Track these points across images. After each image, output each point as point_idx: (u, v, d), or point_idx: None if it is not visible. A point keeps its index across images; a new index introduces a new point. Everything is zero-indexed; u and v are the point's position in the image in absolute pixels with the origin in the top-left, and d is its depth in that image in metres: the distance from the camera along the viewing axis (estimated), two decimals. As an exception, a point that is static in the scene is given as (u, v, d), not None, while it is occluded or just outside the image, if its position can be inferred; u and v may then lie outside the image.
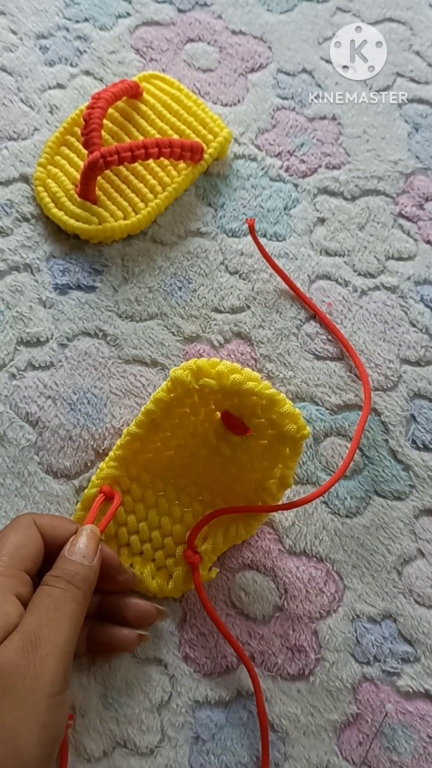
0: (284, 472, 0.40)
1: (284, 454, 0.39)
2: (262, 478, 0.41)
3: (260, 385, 0.37)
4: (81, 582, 0.34)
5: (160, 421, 0.40)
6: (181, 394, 0.39)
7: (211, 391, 0.38)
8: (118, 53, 0.57)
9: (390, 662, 0.42)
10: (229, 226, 0.52)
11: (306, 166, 0.54)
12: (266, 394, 0.37)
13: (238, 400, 0.38)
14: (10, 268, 0.49)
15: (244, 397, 0.37)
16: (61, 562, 0.35)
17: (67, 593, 0.33)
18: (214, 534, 0.41)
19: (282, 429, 0.38)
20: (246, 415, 0.38)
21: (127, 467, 0.40)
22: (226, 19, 0.59)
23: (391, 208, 0.54)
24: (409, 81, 0.58)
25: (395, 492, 0.45)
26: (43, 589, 0.34)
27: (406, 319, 0.50)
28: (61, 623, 0.32)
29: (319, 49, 0.59)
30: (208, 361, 0.39)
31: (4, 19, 0.57)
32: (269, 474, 0.40)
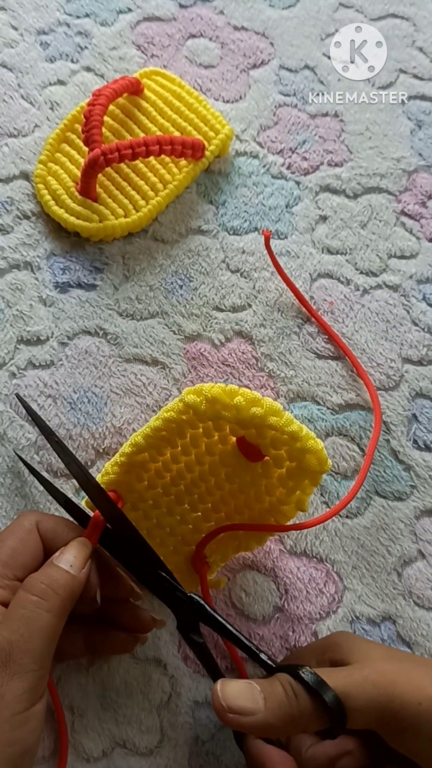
0: (301, 498, 0.39)
1: (303, 484, 0.38)
2: (277, 502, 0.39)
3: (282, 420, 0.35)
4: (61, 589, 0.33)
5: (170, 437, 0.38)
6: (194, 417, 0.37)
7: (226, 420, 0.36)
8: (119, 49, 0.57)
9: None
10: (231, 224, 0.52)
11: (308, 163, 0.54)
12: (288, 431, 0.35)
13: (257, 431, 0.36)
14: (10, 266, 0.49)
15: (263, 430, 0.36)
16: (46, 566, 0.34)
17: (42, 603, 0.32)
18: (225, 545, 0.41)
19: (303, 463, 0.36)
20: (264, 445, 0.37)
21: (136, 472, 0.39)
22: (227, 15, 0.59)
23: (393, 205, 0.53)
24: (412, 78, 0.58)
25: (396, 492, 0.45)
26: (20, 596, 0.33)
27: (408, 318, 0.50)
28: (33, 640, 0.31)
29: (322, 45, 0.58)
30: (225, 390, 0.36)
31: (5, 14, 0.57)
32: (286, 500, 0.39)
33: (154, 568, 0.37)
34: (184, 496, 0.41)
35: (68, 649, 0.38)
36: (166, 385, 0.47)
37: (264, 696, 0.31)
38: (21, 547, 0.35)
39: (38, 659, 0.31)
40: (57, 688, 0.40)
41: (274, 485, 0.39)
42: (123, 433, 0.45)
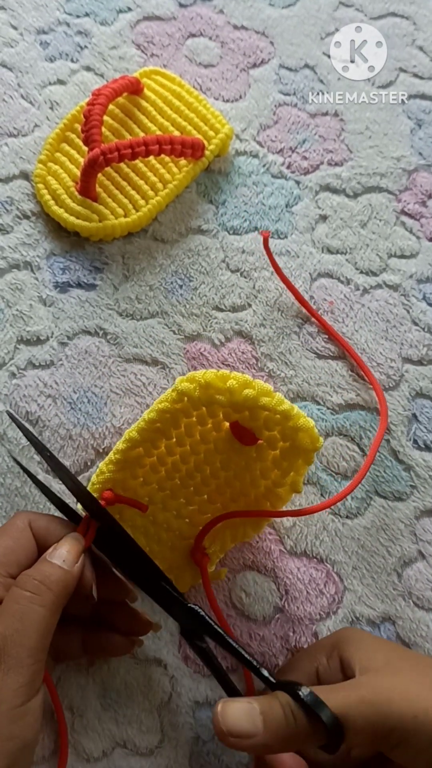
0: (295, 479, 0.40)
1: (296, 464, 0.39)
2: (272, 485, 0.40)
3: (274, 400, 0.36)
4: (54, 584, 0.33)
5: (164, 428, 0.39)
6: (188, 405, 0.38)
7: (220, 405, 0.37)
8: (119, 48, 0.57)
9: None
10: (231, 224, 0.52)
11: (308, 162, 0.54)
12: (280, 410, 0.36)
13: (250, 413, 0.36)
14: (10, 265, 0.49)
15: (256, 411, 0.36)
16: (39, 562, 0.35)
17: (35, 598, 0.32)
18: (222, 535, 0.41)
19: (296, 442, 0.37)
20: (257, 428, 0.37)
21: (131, 469, 0.40)
22: (227, 14, 0.59)
23: (393, 205, 0.53)
24: (412, 77, 0.58)
25: (396, 493, 0.45)
26: (13, 592, 0.33)
27: (408, 318, 0.50)
28: (27, 635, 0.32)
29: (322, 45, 0.58)
30: (217, 375, 0.37)
31: (5, 14, 0.57)
32: (281, 482, 0.40)
33: (155, 579, 0.37)
34: (179, 489, 0.41)
35: (66, 650, 0.38)
36: (166, 385, 0.47)
37: (263, 717, 0.31)
38: (14, 545, 0.35)
39: (33, 653, 0.32)
40: (57, 688, 0.40)
41: (269, 468, 0.39)
42: (123, 433, 0.45)
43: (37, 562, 0.35)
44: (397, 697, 0.32)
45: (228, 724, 0.31)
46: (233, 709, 0.32)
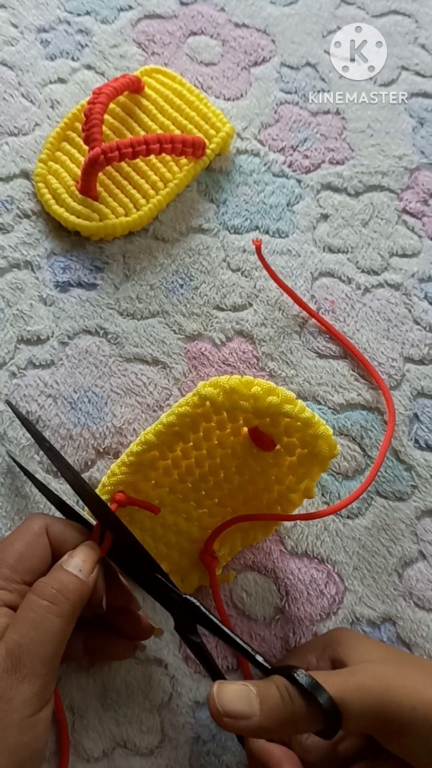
0: (308, 485, 0.40)
1: (312, 471, 0.39)
2: (286, 490, 0.40)
3: (296, 407, 0.36)
4: (71, 594, 0.33)
5: (183, 432, 0.38)
6: (209, 410, 0.38)
7: (242, 409, 0.37)
8: (120, 47, 0.56)
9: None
10: (232, 223, 0.51)
11: (309, 161, 0.54)
12: (302, 418, 0.36)
13: (271, 420, 0.37)
14: (10, 265, 0.49)
15: (278, 418, 0.37)
16: (55, 570, 0.34)
17: (52, 608, 0.32)
18: (232, 538, 0.41)
19: (314, 449, 0.37)
20: (277, 434, 0.38)
21: (144, 472, 0.39)
22: (228, 12, 0.58)
23: (395, 204, 0.53)
24: (414, 75, 0.57)
25: (397, 493, 0.45)
26: (30, 600, 0.33)
27: (409, 317, 0.50)
28: (43, 644, 0.31)
29: (323, 43, 0.58)
30: (241, 381, 0.37)
31: (5, 12, 0.57)
32: (295, 488, 0.40)
33: (150, 570, 0.37)
34: (191, 493, 0.41)
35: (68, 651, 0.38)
36: (166, 384, 0.47)
37: (259, 699, 0.31)
38: (29, 551, 0.35)
39: (47, 663, 0.31)
40: (58, 688, 0.40)
41: (284, 473, 0.40)
42: (123, 432, 0.45)
43: (52, 569, 0.34)
44: (396, 685, 0.31)
45: (224, 703, 0.31)
46: (229, 690, 0.32)
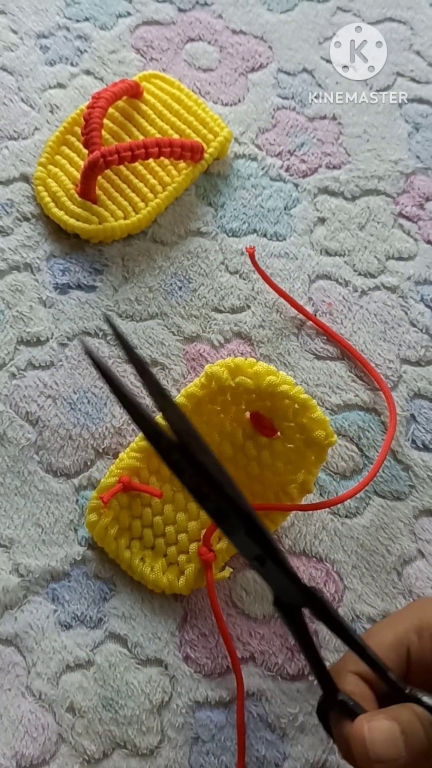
0: (306, 478, 0.40)
1: (309, 459, 0.40)
2: (284, 481, 0.41)
3: (294, 389, 0.38)
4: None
5: (189, 416, 0.39)
6: (215, 390, 0.39)
7: (245, 390, 0.38)
8: (119, 53, 0.57)
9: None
10: (230, 226, 0.52)
11: (306, 165, 0.54)
12: (300, 399, 0.38)
13: (271, 402, 0.38)
14: (10, 267, 0.49)
15: (277, 399, 0.38)
16: None
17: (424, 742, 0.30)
18: None
19: (311, 434, 0.38)
20: (277, 417, 0.39)
21: (148, 459, 0.40)
22: (226, 19, 0.59)
23: (391, 207, 0.54)
24: (409, 81, 0.58)
25: (395, 492, 0.45)
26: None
27: (406, 319, 0.50)
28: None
29: (320, 49, 0.59)
30: (245, 361, 0.39)
31: (5, 18, 0.57)
32: (292, 478, 0.40)
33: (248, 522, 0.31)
34: None
35: None
36: (165, 385, 0.47)
37: (404, 737, 0.30)
38: None
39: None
40: (58, 688, 0.40)
41: (282, 462, 0.41)
42: (122, 433, 0.45)
43: None
44: None
45: (377, 750, 0.29)
46: (379, 732, 0.30)
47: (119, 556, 0.42)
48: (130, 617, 0.42)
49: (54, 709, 0.40)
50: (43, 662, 0.41)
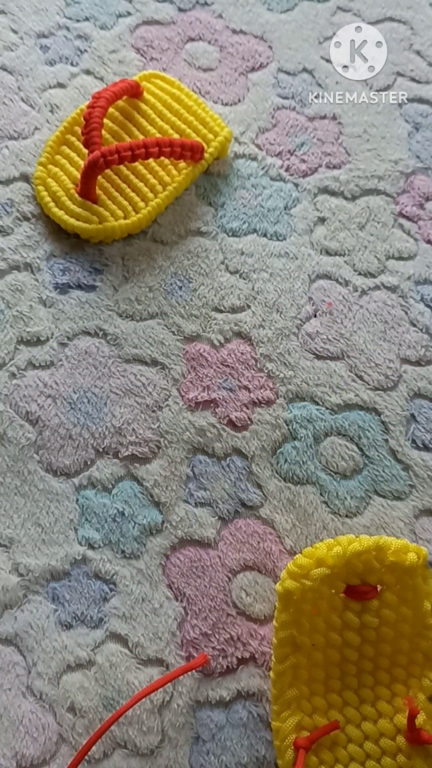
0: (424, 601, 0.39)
1: (420, 585, 0.38)
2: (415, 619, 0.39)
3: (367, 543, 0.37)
4: None
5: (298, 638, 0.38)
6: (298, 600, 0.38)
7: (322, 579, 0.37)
8: (119, 52, 0.57)
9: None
10: (230, 226, 0.52)
11: (306, 165, 0.54)
12: (374, 547, 0.37)
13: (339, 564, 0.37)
14: (10, 267, 0.49)
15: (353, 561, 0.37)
16: None
17: None
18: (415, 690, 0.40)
19: (403, 566, 0.37)
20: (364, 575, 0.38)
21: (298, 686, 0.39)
22: (226, 19, 0.59)
23: (391, 207, 0.54)
24: (409, 80, 0.58)
25: (395, 492, 0.45)
26: None
27: (406, 319, 0.50)
28: None
29: (320, 49, 0.59)
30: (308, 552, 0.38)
31: (5, 18, 0.57)
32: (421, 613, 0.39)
33: None
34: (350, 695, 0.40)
35: None
36: (165, 385, 0.47)
37: None
38: None
39: None
40: (58, 688, 0.40)
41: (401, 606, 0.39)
42: (123, 432, 0.45)
43: None
44: None
45: None
46: None
47: None
48: (131, 617, 0.42)
49: (54, 709, 0.40)
50: (44, 662, 0.41)
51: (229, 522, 0.44)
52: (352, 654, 0.39)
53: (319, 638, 0.39)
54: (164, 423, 0.46)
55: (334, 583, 0.38)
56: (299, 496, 0.45)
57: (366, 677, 0.39)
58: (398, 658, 0.40)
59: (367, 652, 0.39)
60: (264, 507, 0.45)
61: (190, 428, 0.46)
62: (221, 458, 0.46)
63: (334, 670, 0.39)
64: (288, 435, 0.46)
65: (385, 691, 0.39)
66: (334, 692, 0.39)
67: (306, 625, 0.38)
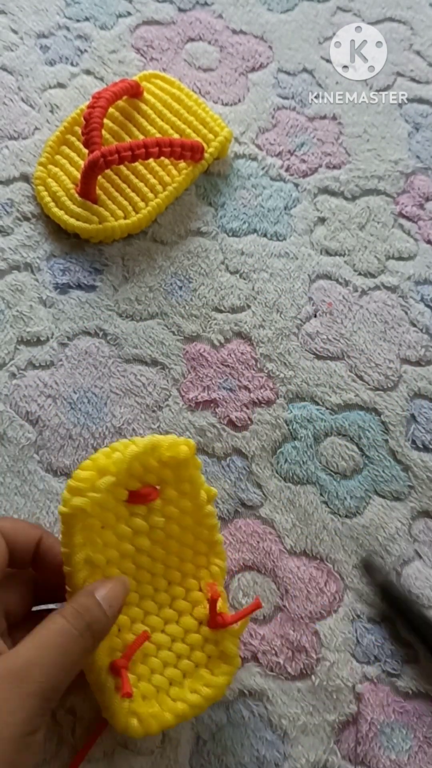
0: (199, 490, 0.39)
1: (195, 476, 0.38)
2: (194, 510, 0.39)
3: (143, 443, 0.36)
4: (99, 633, 0.32)
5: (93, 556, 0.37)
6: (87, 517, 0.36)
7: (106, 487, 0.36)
8: (119, 52, 0.57)
9: (390, 663, 0.42)
10: (230, 226, 0.52)
11: (306, 165, 0.54)
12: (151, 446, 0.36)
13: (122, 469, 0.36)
14: (10, 267, 0.49)
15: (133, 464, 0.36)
16: (85, 599, 0.33)
17: (80, 641, 0.31)
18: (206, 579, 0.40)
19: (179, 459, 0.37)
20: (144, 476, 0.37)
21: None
22: (226, 19, 0.59)
23: (391, 207, 0.54)
24: (409, 81, 0.58)
25: (395, 492, 0.45)
26: (58, 623, 0.31)
27: (406, 319, 0.50)
28: (62, 670, 0.30)
29: (320, 49, 0.59)
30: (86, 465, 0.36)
31: (5, 18, 0.57)
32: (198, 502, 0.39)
33: None
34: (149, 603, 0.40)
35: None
36: (165, 385, 0.47)
37: None
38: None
39: (56, 689, 0.30)
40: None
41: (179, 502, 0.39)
42: (123, 432, 0.45)
43: (81, 596, 0.33)
44: None
45: None
46: None
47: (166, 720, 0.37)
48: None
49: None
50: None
51: (228, 522, 0.44)
52: (144, 561, 0.39)
53: (112, 552, 0.38)
54: (164, 423, 0.46)
55: (116, 491, 0.37)
56: (299, 496, 0.45)
57: (159, 581, 0.39)
58: (185, 552, 0.40)
59: (158, 554, 0.39)
60: (264, 507, 0.45)
61: (190, 428, 0.46)
62: (221, 458, 0.46)
63: (130, 583, 0.38)
64: (288, 435, 0.46)
65: (179, 590, 0.40)
66: (134, 605, 0.39)
67: (98, 542, 0.37)
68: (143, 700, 0.37)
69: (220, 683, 0.38)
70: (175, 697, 0.38)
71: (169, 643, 0.39)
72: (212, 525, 0.39)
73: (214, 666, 0.38)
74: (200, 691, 0.38)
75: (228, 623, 0.38)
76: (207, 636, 0.39)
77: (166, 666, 0.38)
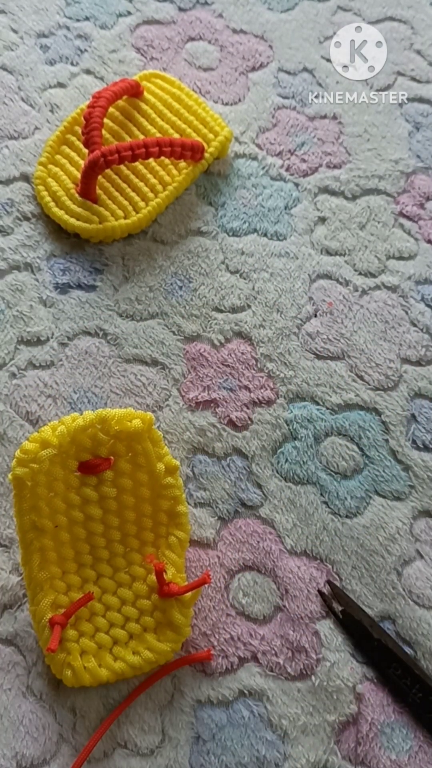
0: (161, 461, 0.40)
1: (149, 449, 0.39)
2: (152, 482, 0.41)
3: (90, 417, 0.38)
4: None
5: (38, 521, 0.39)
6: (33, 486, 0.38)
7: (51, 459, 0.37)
8: (119, 52, 0.57)
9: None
10: (230, 225, 0.52)
11: (307, 165, 0.54)
12: (98, 420, 0.38)
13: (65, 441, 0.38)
14: (10, 267, 0.49)
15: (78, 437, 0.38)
16: None
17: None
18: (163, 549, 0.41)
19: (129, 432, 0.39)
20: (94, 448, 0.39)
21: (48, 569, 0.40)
22: (226, 18, 0.59)
23: (392, 207, 0.54)
24: (410, 80, 0.58)
25: (395, 492, 0.45)
26: None
27: (406, 319, 0.50)
28: None
29: (320, 48, 0.59)
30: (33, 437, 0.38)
31: (5, 17, 0.57)
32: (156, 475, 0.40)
33: None
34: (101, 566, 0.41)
35: None
36: (165, 385, 0.47)
37: None
38: None
39: None
40: (59, 689, 0.40)
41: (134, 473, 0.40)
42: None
43: None
44: None
45: None
46: None
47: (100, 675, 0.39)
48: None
49: (54, 709, 0.40)
50: (44, 662, 0.41)
51: (228, 522, 0.44)
52: (97, 527, 0.41)
53: (61, 518, 0.40)
54: (164, 423, 0.46)
55: (65, 462, 0.39)
56: (299, 496, 0.45)
57: (116, 546, 0.41)
58: (144, 522, 0.41)
59: (112, 522, 0.41)
60: (264, 507, 0.45)
61: (190, 428, 0.46)
62: (221, 458, 0.46)
63: (83, 546, 0.41)
64: (288, 435, 0.46)
65: (136, 556, 0.41)
66: (87, 567, 0.41)
67: (45, 509, 0.39)
68: (82, 656, 0.39)
69: (164, 649, 0.40)
70: (117, 656, 0.40)
71: (118, 605, 0.41)
72: (173, 496, 0.41)
73: (161, 633, 0.40)
74: (142, 654, 0.40)
75: (174, 593, 0.39)
76: (157, 604, 0.41)
77: (112, 626, 0.41)
